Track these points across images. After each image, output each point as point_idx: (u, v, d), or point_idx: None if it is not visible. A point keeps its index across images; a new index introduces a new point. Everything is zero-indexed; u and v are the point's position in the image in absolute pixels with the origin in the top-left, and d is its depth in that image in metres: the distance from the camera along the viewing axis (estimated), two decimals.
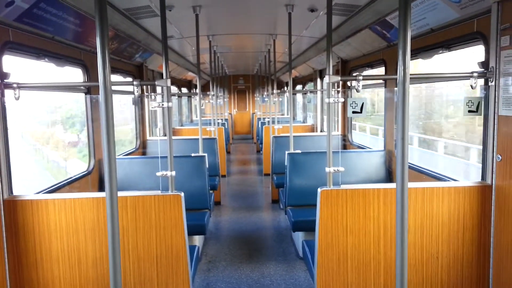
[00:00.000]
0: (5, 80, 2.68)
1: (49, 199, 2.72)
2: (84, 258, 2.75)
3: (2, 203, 2.64)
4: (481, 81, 2.85)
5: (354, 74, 2.77)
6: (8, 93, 2.76)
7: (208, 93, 6.62)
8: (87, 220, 2.73)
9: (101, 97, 1.82)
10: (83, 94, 4.30)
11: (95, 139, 4.38)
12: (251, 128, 17.37)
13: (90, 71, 4.18)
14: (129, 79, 5.77)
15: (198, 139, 5.10)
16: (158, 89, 6.48)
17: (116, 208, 1.88)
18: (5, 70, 2.77)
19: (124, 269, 2.77)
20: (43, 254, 2.74)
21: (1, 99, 2.65)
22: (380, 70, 5.34)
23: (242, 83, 18.24)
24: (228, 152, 11.70)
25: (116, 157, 1.93)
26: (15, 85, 2.72)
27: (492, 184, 2.74)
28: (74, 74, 4.10)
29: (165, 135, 3.06)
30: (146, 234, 2.78)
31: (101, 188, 4.44)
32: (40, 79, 2.98)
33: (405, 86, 1.85)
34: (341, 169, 2.92)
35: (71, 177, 3.96)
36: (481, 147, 2.93)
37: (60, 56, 3.63)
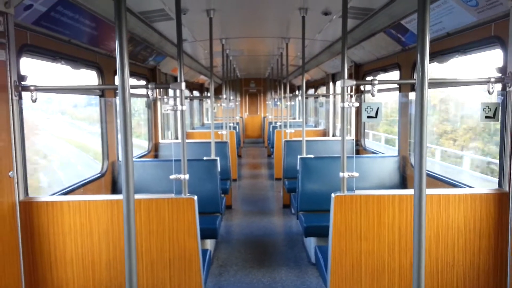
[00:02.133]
0: (22, 83, 2.72)
1: (64, 201, 2.74)
2: (98, 260, 2.76)
3: (18, 205, 2.66)
4: (498, 87, 2.80)
5: (369, 78, 2.74)
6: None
7: (220, 96, 6.62)
8: (101, 222, 2.74)
9: (119, 100, 1.83)
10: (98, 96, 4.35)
11: (109, 141, 4.41)
12: (262, 132, 17.35)
13: (104, 74, 4.22)
14: (143, 82, 5.81)
15: (209, 142, 5.09)
16: (171, 92, 6.51)
17: (133, 211, 1.87)
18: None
19: (138, 272, 2.77)
20: (57, 256, 2.75)
21: (19, 101, 2.68)
22: (389, 75, 5.29)
23: (254, 86, 18.26)
24: (239, 156, 11.69)
25: None
26: (32, 87, 2.75)
27: (509, 191, 2.68)
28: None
29: (177, 138, 3.07)
30: (159, 237, 2.78)
31: (114, 191, 4.46)
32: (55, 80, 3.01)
33: (424, 91, 1.82)
34: (356, 174, 2.89)
35: (85, 179, 4.00)
36: None
37: (76, 59, 3.67)
